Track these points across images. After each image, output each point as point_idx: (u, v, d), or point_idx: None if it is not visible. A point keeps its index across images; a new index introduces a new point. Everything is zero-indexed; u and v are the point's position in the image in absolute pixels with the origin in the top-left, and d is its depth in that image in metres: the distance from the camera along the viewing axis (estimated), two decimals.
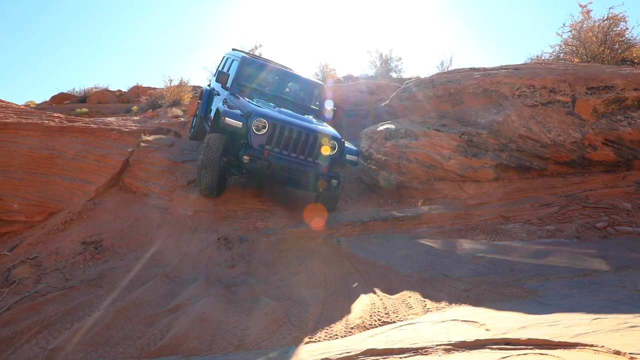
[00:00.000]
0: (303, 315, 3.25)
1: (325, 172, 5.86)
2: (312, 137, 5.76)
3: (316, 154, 5.85)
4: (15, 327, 3.26)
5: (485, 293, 3.73)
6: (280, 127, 5.61)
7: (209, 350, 2.77)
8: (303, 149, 5.75)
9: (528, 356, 2.08)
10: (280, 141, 5.64)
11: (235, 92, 6.62)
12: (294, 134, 5.66)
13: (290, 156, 5.69)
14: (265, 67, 7.32)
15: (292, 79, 7.49)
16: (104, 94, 25.01)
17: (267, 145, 5.61)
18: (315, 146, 5.81)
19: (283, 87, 7.33)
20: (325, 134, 5.90)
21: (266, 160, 5.50)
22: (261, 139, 5.58)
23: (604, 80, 6.41)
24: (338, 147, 6.02)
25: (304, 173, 5.75)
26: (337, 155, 6.04)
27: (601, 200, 5.95)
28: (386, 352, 2.37)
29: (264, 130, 5.57)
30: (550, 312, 2.78)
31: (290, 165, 5.65)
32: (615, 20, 9.98)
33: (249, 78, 7.06)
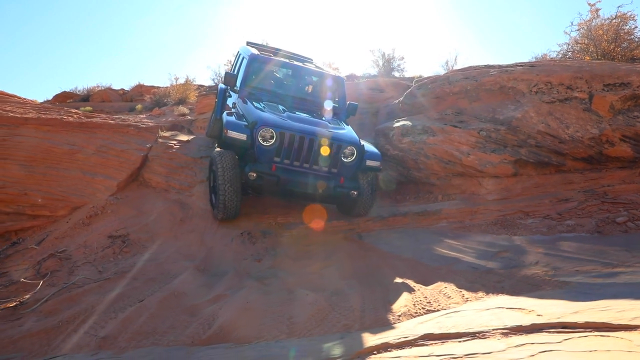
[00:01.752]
0: (346, 305, 3.29)
1: (342, 183, 5.25)
2: (327, 144, 5.16)
3: (331, 163, 5.23)
4: (58, 317, 3.30)
5: (519, 284, 3.78)
6: (290, 137, 5.02)
7: (260, 338, 2.81)
8: (316, 159, 5.16)
9: (589, 338, 2.13)
10: (290, 152, 5.06)
11: (243, 94, 6.04)
12: (305, 142, 5.05)
13: (302, 168, 5.14)
14: (276, 64, 6.73)
15: (308, 74, 6.83)
16: (107, 92, 24.94)
17: (275, 158, 5.06)
18: (330, 155, 5.18)
19: (297, 84, 6.67)
20: (341, 140, 5.25)
21: (274, 176, 4.96)
22: (269, 151, 5.02)
23: (620, 77, 6.47)
24: (357, 154, 5.35)
25: (319, 187, 5.17)
26: (356, 162, 5.38)
27: (619, 196, 6.02)
28: (443, 337, 2.41)
29: (272, 140, 5.00)
30: (595, 300, 2.83)
31: (302, 179, 5.09)
32: (624, 18, 10.06)
33: (258, 77, 6.42)
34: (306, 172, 5.16)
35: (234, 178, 5.11)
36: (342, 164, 5.29)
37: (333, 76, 6.88)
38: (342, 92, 6.72)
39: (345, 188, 5.29)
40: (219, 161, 5.16)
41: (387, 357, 2.21)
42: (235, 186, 5.14)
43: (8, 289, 4.37)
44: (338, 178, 5.25)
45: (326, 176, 5.24)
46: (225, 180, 5.09)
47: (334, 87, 6.73)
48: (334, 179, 5.24)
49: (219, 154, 5.27)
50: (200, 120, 14.97)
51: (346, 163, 5.31)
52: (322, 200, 5.60)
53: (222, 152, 5.31)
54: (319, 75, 6.86)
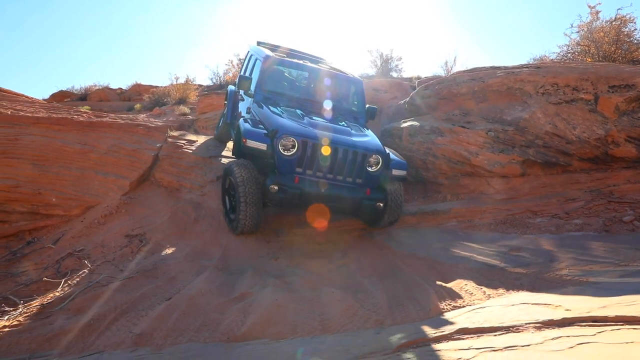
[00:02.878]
0: (373, 301, 3.36)
1: (368, 194, 4.97)
2: (351, 153, 4.86)
3: (356, 173, 4.95)
4: (88, 315, 3.33)
5: (537, 281, 3.88)
6: (313, 146, 4.73)
7: (295, 334, 2.87)
8: (340, 170, 4.87)
9: (622, 331, 2.21)
10: (313, 162, 4.78)
11: (259, 99, 5.71)
12: (329, 152, 4.79)
13: (326, 179, 4.87)
14: (292, 66, 6.42)
15: (325, 76, 6.40)
16: (105, 91, 24.90)
17: (297, 169, 4.78)
18: (355, 165, 4.90)
19: (315, 87, 6.29)
20: (367, 148, 4.97)
21: (297, 189, 4.66)
22: (290, 161, 4.73)
23: (624, 79, 6.60)
24: (382, 163, 5.08)
25: (345, 199, 4.89)
26: (382, 171, 5.11)
27: (625, 195, 6.14)
28: (478, 331, 2.49)
29: (293, 150, 4.71)
30: (618, 295, 2.92)
31: (327, 191, 4.80)
32: (624, 21, 10.23)
33: (274, 81, 6.12)
34: (331, 183, 4.87)
35: (255, 191, 4.79)
36: (368, 174, 5.02)
37: (351, 78, 6.58)
38: (360, 95, 6.45)
39: (373, 200, 5.00)
40: (238, 173, 4.84)
41: (427, 350, 2.29)
42: (257, 200, 4.82)
43: (29, 288, 4.41)
44: (364, 189, 4.97)
45: (351, 187, 4.96)
46: (246, 194, 4.76)
47: (352, 90, 6.47)
48: (360, 190, 4.96)
49: (238, 165, 4.95)
50: (202, 120, 14.99)
51: (371, 173, 5.05)
52: (347, 213, 5.36)
53: (241, 162, 5.00)
54: (337, 77, 6.50)
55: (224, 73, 24.44)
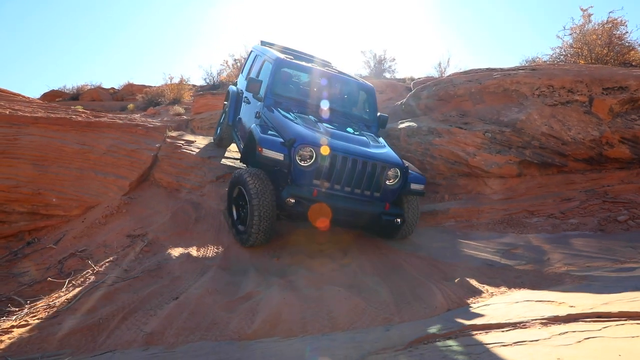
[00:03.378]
0: (379, 300, 3.42)
1: (387, 209, 4.76)
2: (371, 165, 4.61)
3: (374, 187, 4.71)
4: (97, 315, 3.35)
5: (537, 279, 3.96)
6: (332, 157, 4.46)
7: (305, 332, 2.92)
8: (359, 183, 4.62)
9: (626, 326, 2.29)
10: (331, 174, 4.51)
11: (269, 103, 5.43)
12: (348, 163, 4.51)
13: (344, 192, 4.61)
14: (305, 70, 6.11)
15: (338, 82, 6.18)
16: (97, 91, 24.76)
17: (315, 181, 4.50)
18: (374, 178, 4.65)
19: (326, 93, 5.97)
20: (385, 161, 4.74)
21: (315, 202, 4.40)
22: (308, 172, 4.46)
23: (618, 81, 6.74)
24: (401, 176, 4.87)
25: (363, 214, 4.69)
26: (400, 185, 4.90)
27: (619, 195, 6.27)
28: (486, 327, 2.56)
29: (310, 160, 4.45)
30: (618, 292, 3.01)
31: (346, 205, 4.55)
32: (615, 24, 10.40)
33: (286, 85, 5.85)
34: (349, 197, 4.64)
35: (269, 204, 4.49)
36: (385, 188, 4.80)
37: (363, 85, 6.35)
38: (372, 103, 6.21)
39: (392, 215, 4.81)
40: (252, 184, 4.51)
41: (438, 346, 2.35)
42: (271, 213, 4.53)
43: (33, 288, 4.40)
44: (383, 203, 4.77)
45: (370, 201, 4.75)
46: (260, 207, 4.45)
47: (364, 97, 6.26)
48: (379, 204, 4.76)
49: (251, 174, 4.61)
50: (198, 120, 14.97)
51: (389, 186, 4.84)
52: (364, 228, 5.25)
53: (254, 172, 4.65)
54: (350, 83, 6.28)
55: (218, 73, 24.41)
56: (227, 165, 7.34)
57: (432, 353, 2.23)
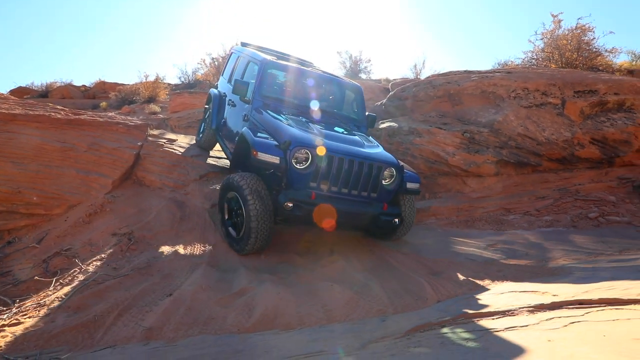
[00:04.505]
0: (371, 293, 3.53)
1: (385, 210, 4.72)
2: (367, 166, 4.55)
3: (371, 187, 4.66)
4: (90, 312, 3.34)
5: (519, 272, 4.16)
6: (328, 158, 4.38)
7: (302, 324, 3.00)
8: (355, 184, 4.55)
9: (606, 311, 2.47)
10: (328, 176, 4.42)
11: (258, 105, 5.33)
12: (344, 164, 4.43)
13: (341, 194, 4.53)
14: (292, 71, 6.00)
15: (325, 83, 6.15)
16: (68, 89, 24.12)
17: (311, 183, 4.40)
18: (371, 178, 4.60)
19: (315, 94, 5.92)
20: (381, 161, 4.71)
21: (314, 205, 4.32)
22: (305, 175, 4.37)
23: (588, 84, 7.09)
24: (397, 176, 4.84)
25: (362, 215, 4.65)
26: (397, 185, 4.87)
27: (590, 194, 6.60)
28: (477, 315, 2.70)
29: (306, 163, 4.36)
30: (596, 282, 3.22)
31: (344, 207, 4.48)
32: (584, 30, 10.90)
33: (273, 86, 5.76)
34: (346, 199, 4.57)
35: (267, 209, 4.37)
36: (382, 188, 4.76)
37: (351, 84, 6.34)
38: (361, 103, 6.18)
39: (390, 215, 4.78)
40: (247, 188, 4.38)
41: (435, 334, 2.47)
42: (269, 218, 4.40)
43: (18, 288, 4.32)
44: (380, 204, 4.73)
45: (367, 202, 4.70)
46: (258, 212, 4.32)
47: (352, 97, 6.22)
48: (376, 205, 4.72)
49: (245, 179, 4.48)
50: (175, 119, 14.83)
51: (386, 186, 4.79)
52: (362, 229, 5.24)
53: (248, 177, 4.52)
54: (337, 83, 6.27)
55: (193, 72, 24.16)
56: (210, 164, 7.34)
57: (429, 340, 2.35)
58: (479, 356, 1.97)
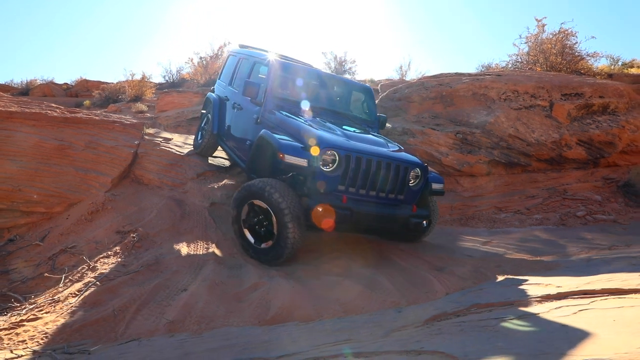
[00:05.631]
0: (381, 287, 3.67)
1: (415, 211, 4.60)
2: (394, 167, 4.40)
3: (398, 189, 4.50)
4: (108, 307, 3.39)
5: (517, 267, 4.36)
6: (356, 160, 4.21)
7: (321, 316, 3.12)
8: (383, 186, 4.39)
9: (609, 300, 2.66)
10: (356, 179, 4.25)
11: (271, 107, 5.17)
12: (372, 166, 4.27)
13: (369, 196, 4.37)
14: (304, 72, 5.82)
15: (337, 84, 6.06)
16: (49, 86, 23.71)
17: (340, 186, 4.22)
18: (398, 179, 4.46)
19: (325, 95, 5.80)
20: (407, 161, 4.57)
21: (347, 209, 4.10)
22: (333, 178, 4.17)
23: (574, 88, 7.39)
24: (422, 176, 4.70)
25: (393, 218, 4.47)
26: (422, 186, 4.75)
27: (577, 193, 6.90)
28: (489, 306, 2.86)
29: (333, 165, 4.17)
30: (595, 274, 3.42)
31: (377, 210, 4.35)
32: (567, 34, 11.28)
33: (285, 87, 5.55)
34: (376, 202, 4.44)
35: (300, 214, 4.13)
36: (408, 189, 4.62)
37: (361, 85, 6.29)
38: (372, 104, 6.08)
39: (420, 217, 4.64)
40: (277, 195, 4.12)
41: (452, 322, 2.62)
42: (302, 224, 4.16)
43: (27, 285, 4.33)
44: (409, 206, 4.63)
45: (396, 205, 4.58)
46: (293, 218, 4.08)
47: (362, 98, 6.13)
48: (406, 207, 4.61)
49: (272, 185, 4.22)
50: (163, 118, 14.75)
51: (412, 188, 4.66)
52: (392, 232, 5.06)
53: (273, 182, 4.27)
54: (347, 84, 6.20)
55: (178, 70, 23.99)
56: (207, 163, 7.38)
57: (449, 327, 2.50)
58: (501, 340, 2.12)
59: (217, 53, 17.09)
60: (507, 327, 2.35)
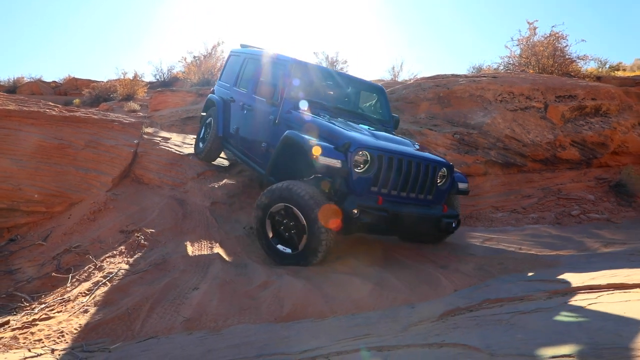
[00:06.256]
0: (390, 284, 3.73)
1: (446, 212, 4.56)
2: (424, 166, 4.33)
3: (428, 189, 4.43)
4: (121, 306, 3.41)
5: (519, 264, 4.46)
6: (388, 160, 4.12)
7: (335, 313, 3.18)
8: (413, 186, 4.31)
9: (615, 294, 2.76)
10: (389, 179, 4.17)
11: (289, 107, 5.05)
12: (404, 166, 4.20)
13: (400, 197, 4.29)
14: (320, 72, 5.76)
15: (351, 84, 5.97)
16: (37, 84, 23.47)
17: (372, 188, 4.13)
18: (427, 179, 4.38)
19: (340, 95, 5.74)
20: (435, 161, 4.52)
21: (383, 211, 4.01)
22: (366, 179, 4.08)
23: (568, 90, 7.55)
24: (448, 176, 4.67)
25: (427, 218, 4.40)
26: (449, 186, 4.72)
27: (571, 193, 7.06)
28: (499, 301, 2.95)
29: (365, 166, 4.08)
30: (597, 270, 3.53)
31: (412, 211, 4.27)
32: (557, 37, 11.51)
33: (302, 87, 5.42)
34: (408, 202, 4.37)
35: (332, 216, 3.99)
36: (437, 189, 4.57)
37: (375, 86, 6.24)
38: (385, 104, 6.02)
39: (451, 217, 4.58)
40: (309, 198, 3.96)
41: (466, 317, 2.70)
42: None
43: (32, 284, 4.31)
44: (440, 206, 4.59)
45: (427, 205, 4.52)
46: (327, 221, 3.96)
47: (376, 98, 6.10)
48: (437, 207, 4.56)
49: (302, 187, 4.07)
50: (157, 117, 14.64)
51: (440, 188, 4.61)
52: (420, 234, 5.03)
53: (302, 185, 4.13)
54: (361, 84, 6.15)
55: (169, 69, 23.86)
56: (206, 162, 7.37)
57: (465, 321, 2.57)
58: (519, 332, 2.20)
59: (211, 52, 17.05)
60: (521, 320, 2.43)
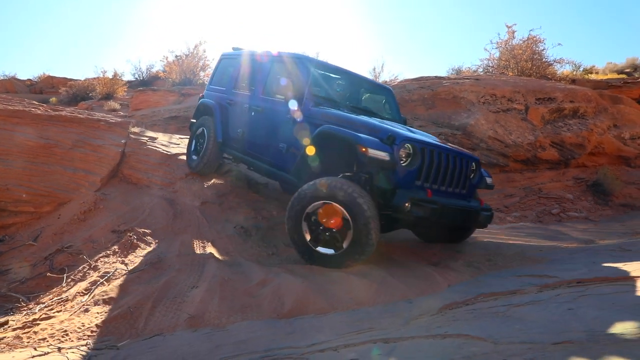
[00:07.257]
0: (386, 281, 3.83)
1: (482, 205, 4.62)
2: (459, 160, 4.37)
3: (462, 183, 4.48)
4: (122, 304, 3.42)
5: (509, 261, 4.64)
6: (430, 153, 4.10)
7: (335, 309, 3.26)
8: (451, 179, 4.33)
9: (602, 286, 2.94)
10: (430, 173, 4.13)
11: (311, 105, 4.94)
12: (443, 159, 4.20)
13: (441, 192, 4.25)
14: (337, 71, 5.72)
15: (362, 83, 5.98)
16: (11, 82, 22.84)
17: (416, 181, 4.07)
18: (462, 173, 4.42)
19: (353, 94, 5.77)
20: (467, 155, 4.58)
21: (434, 204, 3.92)
22: (410, 173, 4.02)
23: (547, 92, 7.83)
24: (477, 170, 4.73)
25: (468, 212, 4.42)
26: (478, 180, 4.80)
27: (551, 192, 7.33)
28: (493, 295, 3.09)
29: (408, 159, 4.02)
30: (584, 266, 3.71)
31: (457, 204, 4.27)
32: (535, 41, 11.88)
33: (321, 86, 5.37)
34: (456, 197, 4.42)
35: (376, 212, 3.90)
36: (470, 183, 4.61)
37: (383, 86, 6.34)
38: (394, 104, 6.09)
39: (488, 210, 4.61)
40: (358, 196, 3.83)
41: (464, 310, 2.83)
42: (379, 222, 3.94)
43: (26, 285, 4.27)
44: (476, 200, 4.68)
45: (469, 199, 4.58)
46: (373, 217, 3.82)
47: (385, 98, 6.13)
48: (473, 201, 4.63)
49: (344, 184, 3.92)
50: (138, 116, 14.52)
51: (471, 181, 4.65)
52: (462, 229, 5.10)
53: (344, 182, 3.97)
54: (371, 84, 6.24)
55: (148, 68, 23.56)
56: None
57: (463, 314, 2.70)
58: (517, 323, 2.33)
59: (193, 51, 16.92)
60: (516, 312, 2.57)
